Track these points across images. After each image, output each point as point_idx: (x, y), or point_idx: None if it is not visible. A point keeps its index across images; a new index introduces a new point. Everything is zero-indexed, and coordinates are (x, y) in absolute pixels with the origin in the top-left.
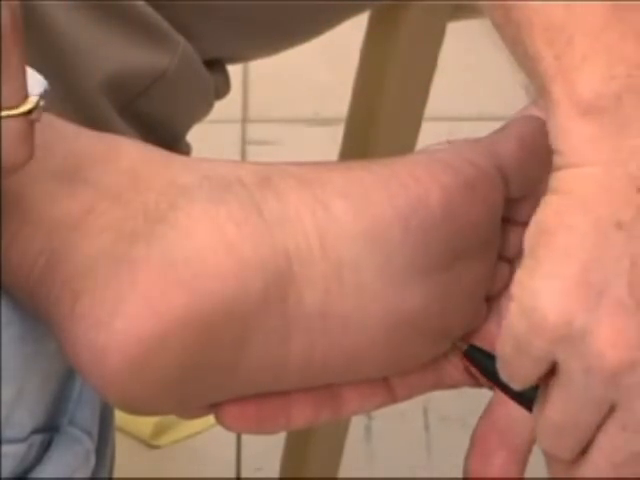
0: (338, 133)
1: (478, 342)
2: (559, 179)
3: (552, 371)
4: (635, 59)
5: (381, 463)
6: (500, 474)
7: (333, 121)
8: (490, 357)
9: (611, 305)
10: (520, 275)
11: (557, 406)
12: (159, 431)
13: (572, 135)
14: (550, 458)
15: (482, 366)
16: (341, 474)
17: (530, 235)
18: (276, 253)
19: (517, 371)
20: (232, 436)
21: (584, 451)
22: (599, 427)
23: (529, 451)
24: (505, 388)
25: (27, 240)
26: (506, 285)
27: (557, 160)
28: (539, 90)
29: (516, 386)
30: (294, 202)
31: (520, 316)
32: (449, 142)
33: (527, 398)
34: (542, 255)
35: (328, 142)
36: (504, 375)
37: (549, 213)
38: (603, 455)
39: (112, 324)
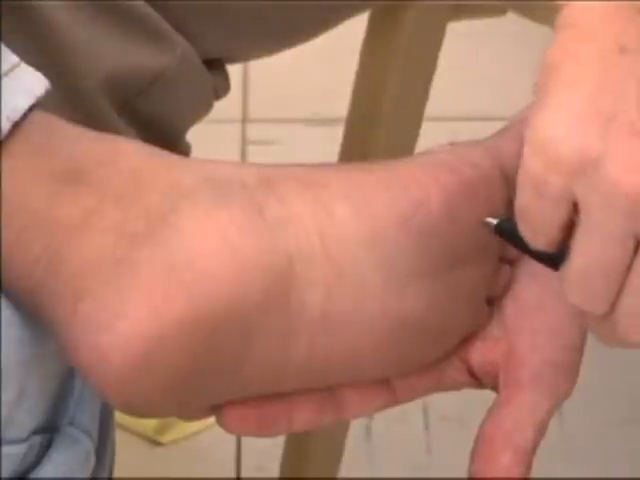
0: (338, 133)
1: (480, 343)
2: (564, 16)
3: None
4: None
5: (381, 463)
6: (505, 475)
7: (333, 121)
8: None
9: (623, 130)
10: (531, 114)
11: (581, 249)
12: (162, 428)
13: None
14: (586, 318)
15: (515, 237)
16: (341, 474)
17: (540, 74)
18: (278, 255)
19: (538, 218)
20: (232, 435)
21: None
22: (628, 269)
23: (534, 451)
24: (537, 255)
25: (29, 242)
26: (507, 287)
27: None
28: None
29: (540, 239)
30: (296, 204)
31: (534, 155)
32: (451, 143)
33: (557, 260)
34: (550, 89)
35: (328, 142)
36: (526, 228)
37: (556, 48)
38: (636, 292)
39: (114, 326)
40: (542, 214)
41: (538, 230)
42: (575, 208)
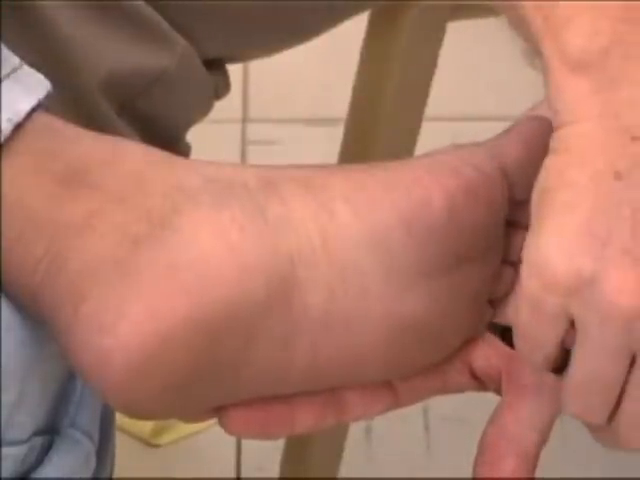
0: (338, 133)
1: (482, 347)
2: (557, 139)
3: None
4: (619, 14)
5: (381, 463)
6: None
7: (333, 121)
8: None
9: (616, 253)
10: (527, 237)
11: (579, 364)
12: (159, 430)
13: (565, 93)
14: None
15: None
16: (341, 474)
17: (534, 198)
18: (279, 257)
19: (536, 336)
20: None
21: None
22: (625, 382)
23: (538, 455)
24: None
25: (30, 243)
26: (510, 289)
27: (555, 120)
28: (535, 53)
29: (537, 356)
30: (298, 206)
31: (530, 276)
32: (454, 145)
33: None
34: (545, 213)
35: (328, 142)
36: (524, 346)
37: (550, 173)
38: (636, 405)
39: (115, 328)
40: (539, 332)
41: (536, 347)
42: (572, 325)
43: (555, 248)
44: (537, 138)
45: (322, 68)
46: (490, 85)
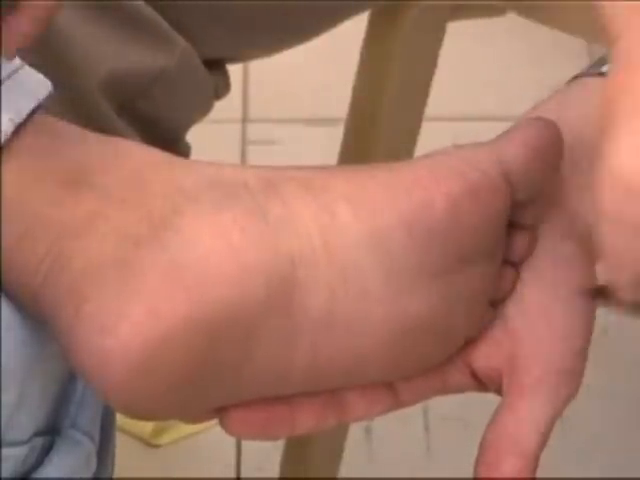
0: (338, 133)
1: (483, 347)
2: (615, 55)
3: None
4: None
5: (381, 463)
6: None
7: (333, 121)
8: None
9: None
10: (601, 152)
11: None
12: (159, 430)
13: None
14: None
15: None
16: (341, 474)
17: (600, 112)
18: (280, 258)
19: (623, 253)
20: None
21: None
22: None
23: (538, 456)
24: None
25: (32, 244)
26: (512, 290)
27: (610, 35)
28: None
29: (628, 276)
30: (299, 207)
31: (605, 189)
32: (455, 146)
33: None
34: (616, 121)
35: (328, 142)
36: (612, 270)
37: (612, 83)
38: None
39: (116, 329)
40: (626, 247)
41: (625, 267)
42: None
43: (629, 154)
44: (538, 140)
45: (322, 68)
46: (490, 85)
